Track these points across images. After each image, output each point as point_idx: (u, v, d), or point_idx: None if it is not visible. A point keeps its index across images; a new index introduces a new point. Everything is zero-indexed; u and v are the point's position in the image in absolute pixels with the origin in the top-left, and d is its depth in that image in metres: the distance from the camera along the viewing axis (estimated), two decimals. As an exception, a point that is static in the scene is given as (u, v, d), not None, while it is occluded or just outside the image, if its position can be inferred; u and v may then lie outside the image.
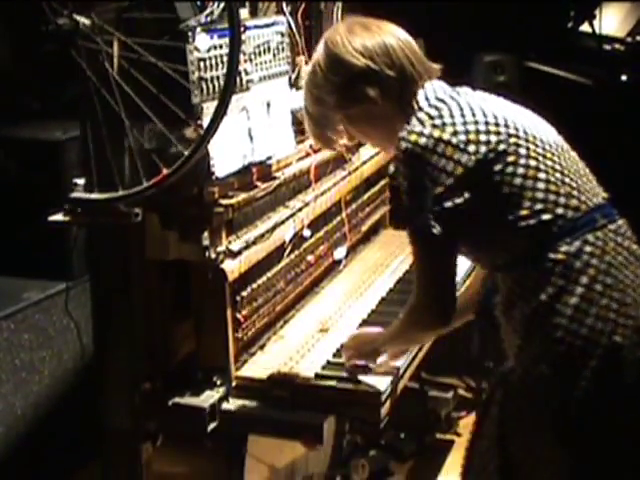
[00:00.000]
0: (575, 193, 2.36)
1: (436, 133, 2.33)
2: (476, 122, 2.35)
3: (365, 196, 3.78)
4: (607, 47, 5.66)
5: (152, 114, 2.45)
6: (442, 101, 2.42)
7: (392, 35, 2.51)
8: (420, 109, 2.43)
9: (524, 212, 2.31)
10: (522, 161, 2.33)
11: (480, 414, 2.54)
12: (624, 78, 5.46)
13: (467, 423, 4.63)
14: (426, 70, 2.52)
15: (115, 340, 2.72)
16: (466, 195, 2.31)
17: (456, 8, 5.20)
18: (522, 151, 2.34)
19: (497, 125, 2.35)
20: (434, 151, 2.32)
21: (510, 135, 2.35)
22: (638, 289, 2.33)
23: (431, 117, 2.37)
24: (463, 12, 5.24)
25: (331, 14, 3.52)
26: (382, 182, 3.98)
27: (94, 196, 2.60)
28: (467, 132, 2.33)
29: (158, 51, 2.47)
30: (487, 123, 2.35)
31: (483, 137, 2.33)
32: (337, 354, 2.87)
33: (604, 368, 2.26)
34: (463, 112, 2.37)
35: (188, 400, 2.70)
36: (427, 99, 2.45)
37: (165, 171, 2.46)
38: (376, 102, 2.47)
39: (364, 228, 3.78)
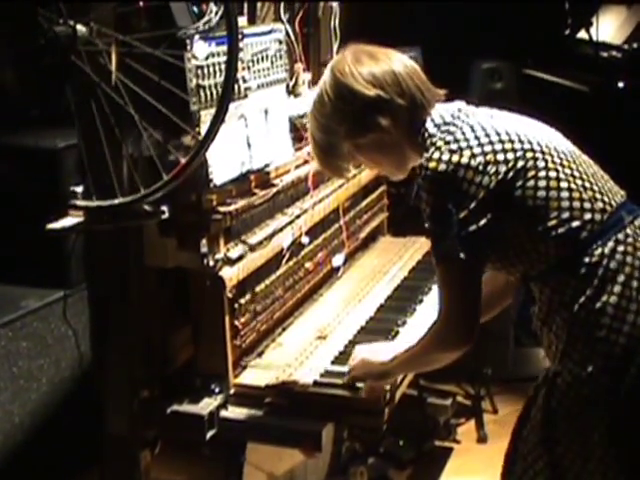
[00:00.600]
0: (598, 196, 2.38)
1: (455, 158, 2.34)
2: (491, 142, 2.36)
3: (363, 203, 3.78)
4: (604, 54, 5.67)
5: (151, 122, 2.46)
6: (453, 124, 2.42)
7: (400, 63, 2.51)
8: (432, 135, 2.43)
9: (552, 222, 2.33)
10: (542, 174, 2.35)
11: (521, 418, 2.53)
12: (621, 85, 5.47)
13: (466, 430, 4.64)
14: (433, 96, 2.52)
15: (113, 348, 2.72)
16: (490, 215, 2.33)
17: (454, 16, 5.22)
18: (540, 164, 2.36)
19: (512, 142, 2.37)
20: (455, 176, 2.33)
21: (526, 150, 2.36)
22: None
23: (447, 142, 2.37)
24: (461, 20, 5.26)
25: (328, 22, 3.53)
26: (380, 189, 3.99)
27: (93, 203, 2.60)
28: (484, 154, 2.34)
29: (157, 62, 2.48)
30: (502, 142, 2.36)
31: (500, 156, 2.34)
32: (336, 361, 2.87)
33: None
34: (477, 134, 2.38)
35: (186, 407, 2.70)
36: (436, 125, 2.45)
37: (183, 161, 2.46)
38: (387, 131, 2.48)
39: (362, 235, 3.78)
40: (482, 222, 2.33)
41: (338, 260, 3.48)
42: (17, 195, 3.57)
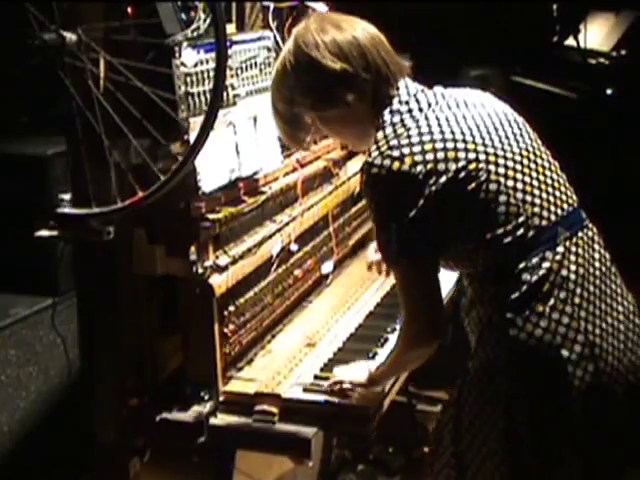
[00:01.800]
0: (537, 210, 2.37)
1: (395, 165, 2.32)
2: (435, 150, 2.33)
3: (352, 210, 3.78)
4: (592, 61, 5.69)
5: (138, 130, 2.46)
6: (408, 119, 2.41)
7: (365, 33, 2.48)
8: (384, 122, 2.43)
9: (487, 236, 2.35)
10: (483, 187, 2.34)
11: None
12: (609, 92, 5.48)
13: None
14: (399, 70, 2.51)
15: (102, 356, 2.71)
16: (430, 221, 2.33)
17: (442, 23, 5.23)
18: (482, 176, 2.34)
19: (456, 150, 2.34)
20: (396, 184, 2.33)
21: (470, 161, 2.34)
22: (589, 304, 2.38)
23: (390, 147, 2.35)
24: (449, 27, 5.27)
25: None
26: (369, 196, 3.98)
27: (81, 211, 2.59)
28: (425, 162, 2.32)
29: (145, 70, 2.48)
30: (446, 149, 2.34)
31: (441, 166, 2.32)
32: (325, 368, 2.87)
33: (548, 382, 2.34)
34: (422, 139, 2.35)
35: (176, 415, 2.69)
36: (391, 112, 2.44)
37: (141, 194, 2.46)
38: (352, 106, 2.47)
39: (351, 242, 3.78)
40: (423, 228, 2.34)
41: (327, 267, 3.48)
42: (5, 202, 3.57)
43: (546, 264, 2.34)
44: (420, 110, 2.44)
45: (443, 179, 2.31)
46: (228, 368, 2.82)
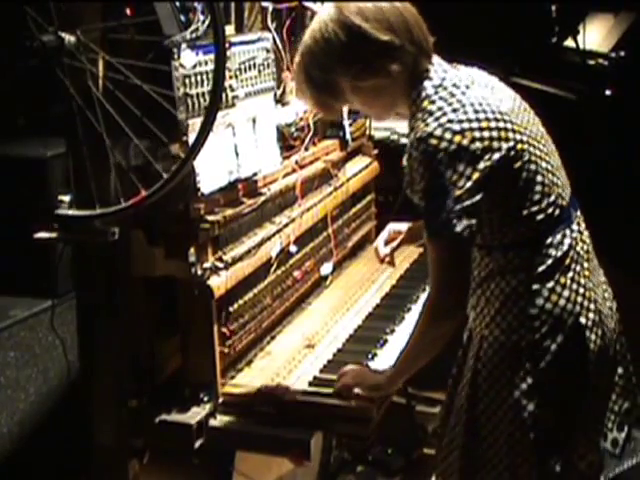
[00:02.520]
0: (560, 191, 2.59)
1: (456, 139, 2.41)
2: (489, 128, 2.44)
3: (351, 212, 3.78)
4: (591, 62, 5.68)
5: (137, 131, 2.45)
6: (452, 94, 2.49)
7: (406, 6, 2.54)
8: (428, 96, 2.49)
9: (525, 212, 2.51)
10: (526, 166, 2.50)
11: (454, 376, 2.80)
12: (608, 93, 5.48)
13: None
14: (431, 46, 2.59)
15: (101, 357, 2.71)
16: (481, 195, 2.43)
17: (440, 23, 5.22)
18: (526, 156, 2.49)
19: (506, 130, 2.47)
20: (455, 157, 2.40)
21: (516, 141, 2.48)
22: (591, 276, 2.64)
23: (450, 120, 2.43)
24: (447, 28, 5.26)
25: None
26: (368, 198, 3.99)
27: (84, 213, 2.59)
28: (482, 139, 2.43)
29: (143, 69, 2.47)
30: (499, 129, 2.46)
31: (496, 144, 2.44)
32: (324, 370, 2.87)
33: (569, 345, 2.55)
34: (478, 114, 2.45)
35: (175, 417, 2.69)
36: (434, 87, 2.51)
37: (144, 193, 2.46)
38: (394, 76, 2.51)
39: (350, 244, 3.78)
40: (475, 199, 2.42)
41: (326, 269, 3.48)
42: (4, 204, 3.57)
43: (567, 240, 2.57)
44: (467, 87, 2.52)
45: (496, 156, 2.44)
46: (227, 369, 2.82)
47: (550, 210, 2.54)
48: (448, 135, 2.40)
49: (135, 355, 2.73)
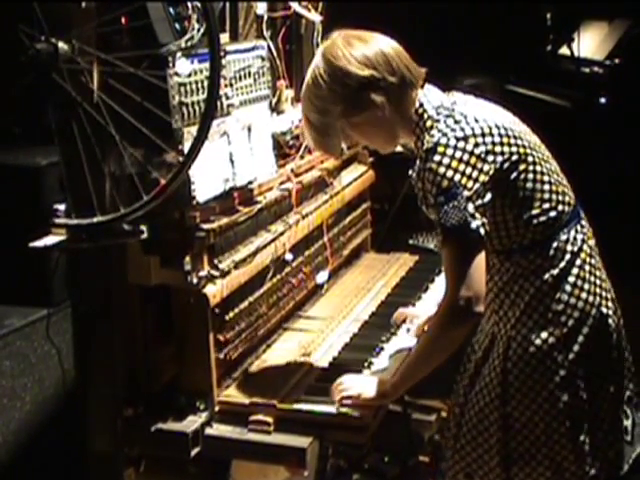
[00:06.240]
0: (566, 190, 2.74)
1: (460, 145, 2.55)
2: (491, 134, 2.59)
3: (347, 220, 3.78)
4: (585, 70, 5.70)
5: (132, 140, 2.46)
6: (452, 110, 2.63)
7: (387, 44, 2.70)
8: (431, 117, 2.64)
9: (536, 211, 2.64)
10: (531, 167, 2.63)
11: (472, 376, 2.85)
12: (603, 100, 5.50)
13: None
14: (418, 75, 2.72)
15: (97, 366, 2.71)
16: (489, 197, 2.56)
17: (435, 32, 5.23)
18: (530, 159, 2.64)
19: (507, 137, 2.62)
20: (461, 161, 2.53)
21: (518, 145, 2.63)
22: (602, 268, 2.80)
23: (453, 129, 2.58)
24: (443, 36, 5.27)
25: (311, 39, 3.54)
26: (364, 206, 3.99)
27: (73, 221, 2.59)
28: (485, 144, 2.57)
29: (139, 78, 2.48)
30: (500, 135, 2.61)
31: (498, 148, 2.59)
32: (320, 378, 2.87)
33: (594, 334, 2.69)
34: (479, 124, 2.60)
35: (171, 425, 2.69)
36: (435, 108, 2.66)
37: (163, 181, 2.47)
38: (381, 107, 2.65)
39: (346, 252, 3.78)
40: (485, 200, 2.55)
41: (322, 277, 3.48)
42: (-1, 213, 3.56)
43: (580, 235, 2.72)
44: (464, 104, 2.68)
45: (500, 159, 2.58)
46: (223, 377, 2.82)
47: (561, 207, 2.67)
48: (452, 142, 2.55)
49: (131, 363, 2.72)
